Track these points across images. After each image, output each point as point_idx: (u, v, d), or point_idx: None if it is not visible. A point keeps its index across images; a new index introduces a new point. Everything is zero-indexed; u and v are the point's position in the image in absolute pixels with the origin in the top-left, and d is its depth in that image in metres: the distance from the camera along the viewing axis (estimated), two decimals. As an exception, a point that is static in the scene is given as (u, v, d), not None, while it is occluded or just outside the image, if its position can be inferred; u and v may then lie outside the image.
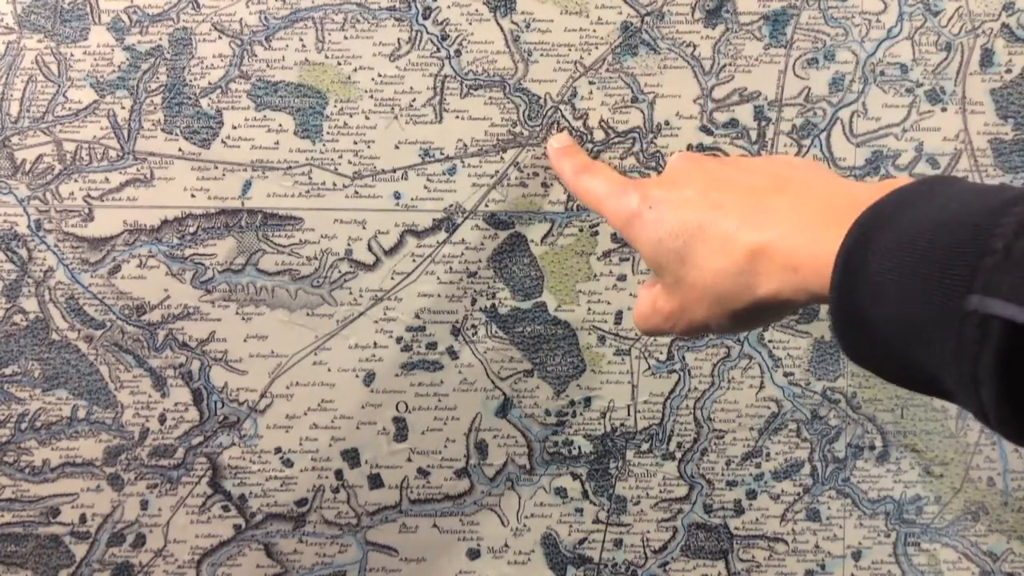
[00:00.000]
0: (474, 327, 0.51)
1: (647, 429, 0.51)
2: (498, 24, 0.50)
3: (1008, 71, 0.50)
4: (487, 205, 0.50)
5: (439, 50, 0.50)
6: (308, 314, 0.51)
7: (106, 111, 0.50)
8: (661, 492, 0.52)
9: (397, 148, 0.50)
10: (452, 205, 0.50)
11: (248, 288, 0.51)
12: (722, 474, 0.52)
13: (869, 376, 0.51)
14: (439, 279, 0.51)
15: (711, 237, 0.34)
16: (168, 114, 0.50)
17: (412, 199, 0.50)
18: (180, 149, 0.50)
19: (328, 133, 0.50)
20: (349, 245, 0.50)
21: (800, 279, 0.31)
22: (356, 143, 0.50)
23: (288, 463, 0.51)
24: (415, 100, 0.50)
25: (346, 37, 0.50)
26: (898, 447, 0.52)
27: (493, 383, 0.51)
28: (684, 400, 0.51)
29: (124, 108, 0.50)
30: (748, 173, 0.37)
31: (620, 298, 0.51)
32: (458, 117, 0.50)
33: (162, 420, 0.51)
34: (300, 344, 0.51)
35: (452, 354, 0.51)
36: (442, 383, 0.51)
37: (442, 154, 0.50)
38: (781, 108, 0.50)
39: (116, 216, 0.50)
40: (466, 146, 0.50)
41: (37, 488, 0.51)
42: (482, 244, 0.51)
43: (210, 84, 0.50)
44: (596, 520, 0.52)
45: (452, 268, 0.51)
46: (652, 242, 0.37)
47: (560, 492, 0.52)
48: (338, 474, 0.51)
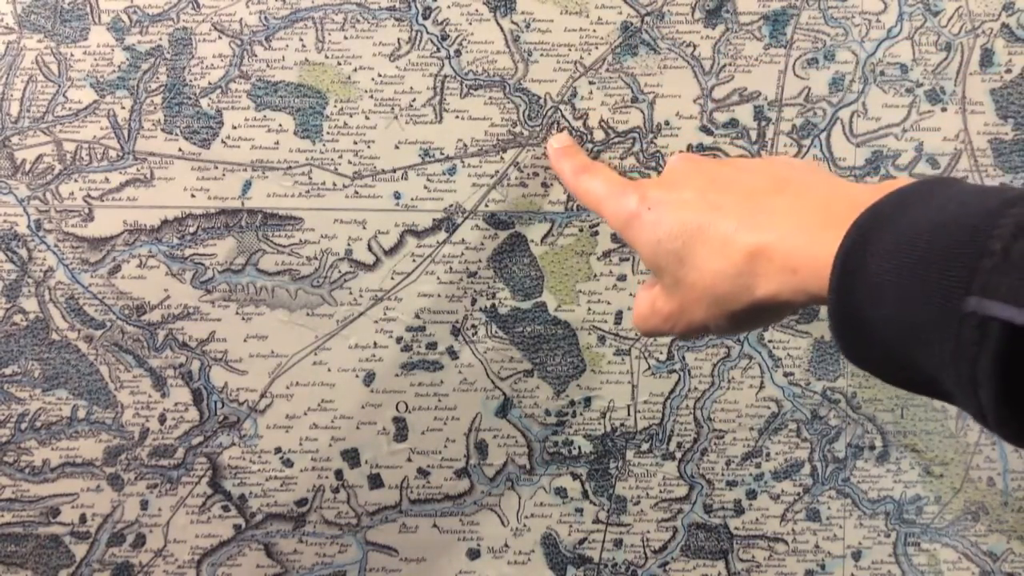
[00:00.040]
0: (474, 327, 0.51)
1: (647, 429, 0.51)
2: (498, 24, 0.50)
3: (1008, 71, 0.50)
4: (487, 205, 0.50)
5: (439, 50, 0.50)
6: (308, 314, 0.51)
7: (106, 111, 0.50)
8: (661, 492, 0.52)
9: (397, 148, 0.50)
10: (452, 205, 0.50)
11: (248, 288, 0.51)
12: (722, 474, 0.52)
13: (869, 376, 0.51)
14: (439, 279, 0.51)
15: (710, 238, 0.34)
16: (168, 114, 0.50)
17: (412, 199, 0.50)
18: (180, 149, 0.50)
19: (328, 133, 0.50)
20: (349, 245, 0.50)
21: (799, 280, 0.31)
22: (356, 143, 0.50)
23: (288, 463, 0.51)
24: (415, 100, 0.50)
25: (346, 37, 0.50)
26: (898, 447, 0.52)
27: (493, 383, 0.51)
28: (684, 400, 0.51)
29: (124, 108, 0.50)
30: (747, 174, 0.37)
31: (620, 298, 0.51)
32: (458, 117, 0.50)
33: (162, 420, 0.51)
34: (300, 344, 0.51)
35: (452, 354, 0.51)
36: (442, 383, 0.51)
37: (442, 154, 0.50)
38: (781, 108, 0.50)
39: (116, 216, 0.50)
40: (466, 146, 0.50)
41: (37, 488, 0.51)
42: (482, 244, 0.51)
43: (210, 84, 0.50)
44: (596, 520, 0.52)
45: (452, 268, 0.51)
46: (651, 243, 0.37)
47: (560, 492, 0.52)
48: (338, 474, 0.51)
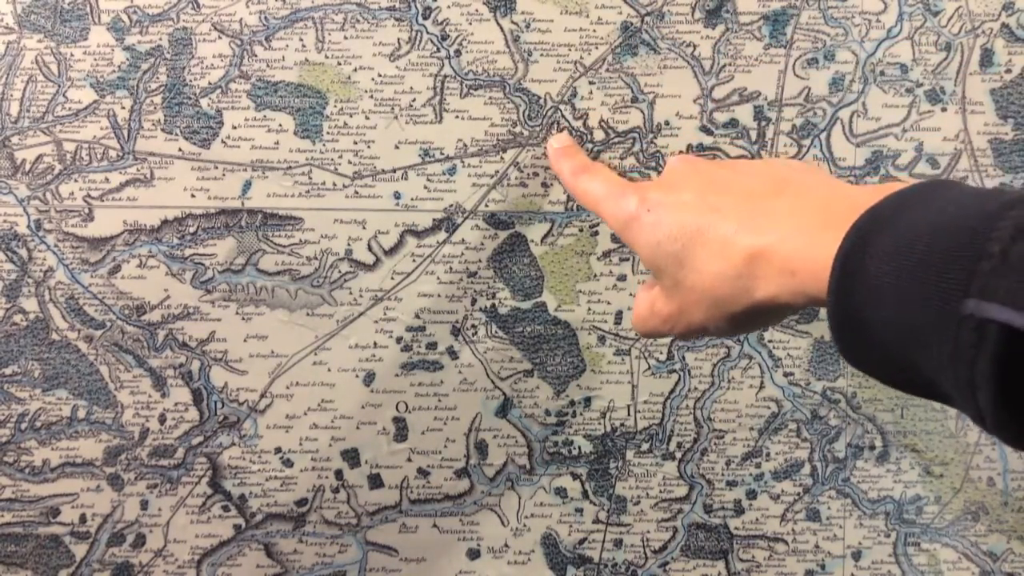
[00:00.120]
0: (474, 327, 0.51)
1: (647, 429, 0.51)
2: (498, 24, 0.50)
3: (1008, 71, 0.50)
4: (487, 205, 0.50)
5: (439, 50, 0.50)
6: (308, 314, 0.51)
7: (106, 111, 0.50)
8: (661, 492, 0.52)
9: (397, 148, 0.50)
10: (452, 205, 0.50)
11: (248, 288, 0.51)
12: (722, 474, 0.52)
13: (869, 377, 0.51)
14: (439, 279, 0.51)
15: (709, 240, 0.34)
16: (168, 114, 0.50)
17: (412, 199, 0.50)
18: (180, 149, 0.50)
19: (328, 133, 0.50)
20: (349, 245, 0.50)
21: (798, 282, 0.31)
22: (356, 143, 0.50)
23: (288, 463, 0.51)
24: (415, 100, 0.50)
25: (346, 37, 0.50)
26: (898, 447, 0.52)
27: (493, 383, 0.51)
28: (684, 400, 0.51)
29: (124, 108, 0.50)
30: (746, 176, 0.37)
31: (620, 298, 0.51)
32: (458, 117, 0.50)
33: (162, 420, 0.51)
34: (300, 344, 0.51)
35: (452, 354, 0.51)
36: (442, 383, 0.51)
37: (442, 154, 0.50)
38: (781, 108, 0.50)
39: (116, 216, 0.50)
40: (466, 146, 0.50)
41: (37, 488, 0.51)
42: (482, 244, 0.51)
43: (210, 84, 0.50)
44: (596, 520, 0.52)
45: (452, 268, 0.51)
46: (650, 245, 0.37)
47: (560, 492, 0.52)
48: (338, 474, 0.51)
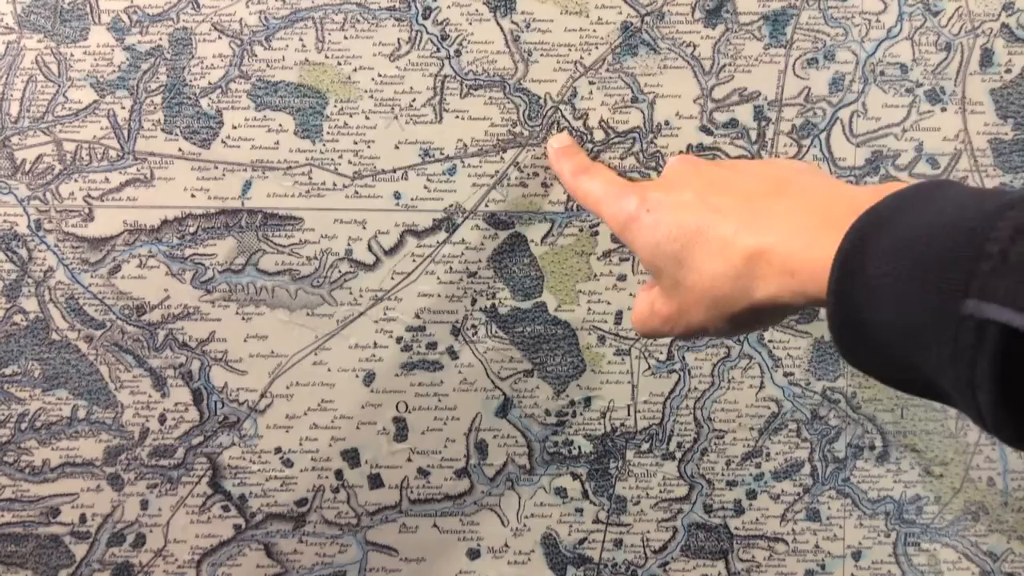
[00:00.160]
0: (474, 327, 0.51)
1: (647, 429, 0.51)
2: (498, 24, 0.50)
3: (1008, 71, 0.50)
4: (487, 205, 0.50)
5: (439, 50, 0.50)
6: (308, 314, 0.51)
7: (106, 111, 0.50)
8: (661, 492, 0.52)
9: (397, 148, 0.50)
10: (452, 205, 0.50)
11: (248, 288, 0.51)
12: (722, 474, 0.52)
13: (869, 377, 0.51)
14: (439, 279, 0.51)
15: (709, 241, 0.34)
16: (168, 114, 0.50)
17: (412, 199, 0.50)
18: (180, 149, 0.50)
19: (328, 133, 0.50)
20: (349, 245, 0.50)
21: (797, 283, 0.31)
22: (356, 143, 0.50)
23: (288, 463, 0.51)
24: (415, 100, 0.50)
25: (346, 37, 0.50)
26: (898, 447, 0.52)
27: (493, 383, 0.51)
28: (684, 400, 0.51)
29: (124, 108, 0.50)
30: (746, 177, 0.37)
31: (620, 298, 0.51)
32: (458, 117, 0.50)
33: (162, 420, 0.51)
34: (300, 344, 0.51)
35: (452, 354, 0.51)
36: (442, 383, 0.51)
37: (442, 154, 0.50)
38: (781, 108, 0.50)
39: (116, 216, 0.50)
40: (466, 146, 0.50)
41: (37, 488, 0.51)
42: (482, 244, 0.51)
43: (210, 84, 0.50)
44: (596, 520, 0.52)
45: (452, 268, 0.51)
46: (650, 245, 0.37)
47: (560, 492, 0.52)
48: (338, 474, 0.51)
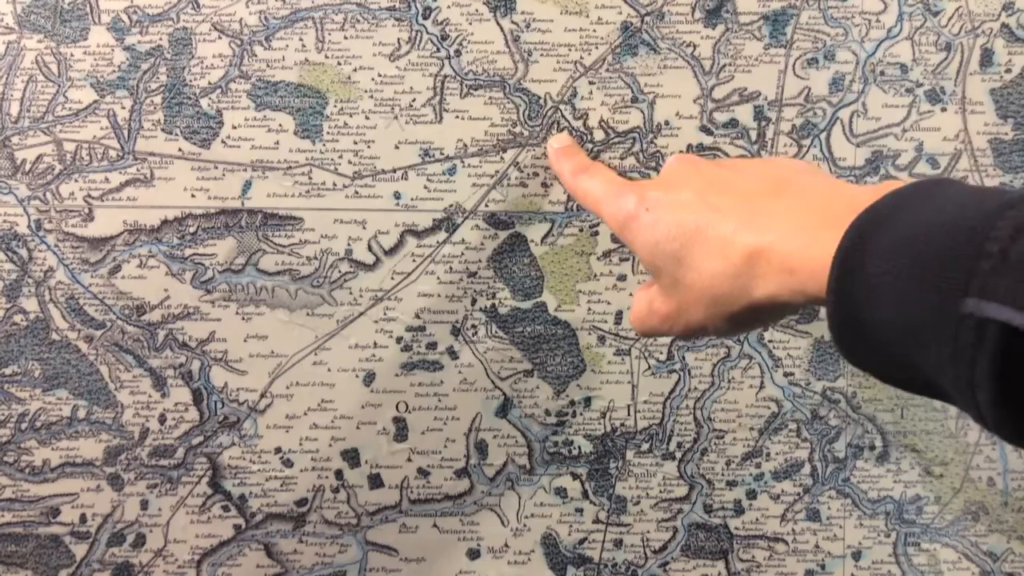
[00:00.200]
0: (474, 327, 0.51)
1: (647, 429, 0.51)
2: (498, 24, 0.50)
3: (1008, 71, 0.50)
4: (487, 205, 0.50)
5: (439, 50, 0.50)
6: (308, 314, 0.51)
7: (106, 111, 0.50)
8: (661, 492, 0.52)
9: (397, 148, 0.50)
10: (452, 205, 0.50)
11: (248, 288, 0.51)
12: (722, 474, 0.52)
13: (869, 376, 0.51)
14: (439, 279, 0.51)
15: (708, 239, 0.34)
16: (168, 114, 0.50)
17: (412, 199, 0.50)
18: (180, 149, 0.50)
19: (328, 133, 0.50)
20: (349, 245, 0.50)
21: (797, 281, 0.31)
22: (356, 143, 0.50)
23: (288, 463, 0.51)
24: (415, 100, 0.50)
25: (346, 37, 0.50)
26: (898, 447, 0.52)
27: (493, 383, 0.51)
28: (684, 400, 0.51)
29: (124, 108, 0.50)
30: (745, 176, 0.37)
31: (620, 298, 0.51)
32: (458, 117, 0.50)
33: (162, 420, 0.51)
34: (300, 344, 0.51)
35: (452, 354, 0.51)
36: (442, 383, 0.51)
37: (442, 154, 0.50)
38: (781, 108, 0.50)
39: (116, 216, 0.50)
40: (466, 146, 0.50)
41: (37, 488, 0.51)
42: (482, 244, 0.51)
43: (210, 84, 0.50)
44: (596, 520, 0.52)
45: (452, 268, 0.51)
46: (649, 244, 0.37)
47: (560, 492, 0.52)
48: (338, 474, 0.51)
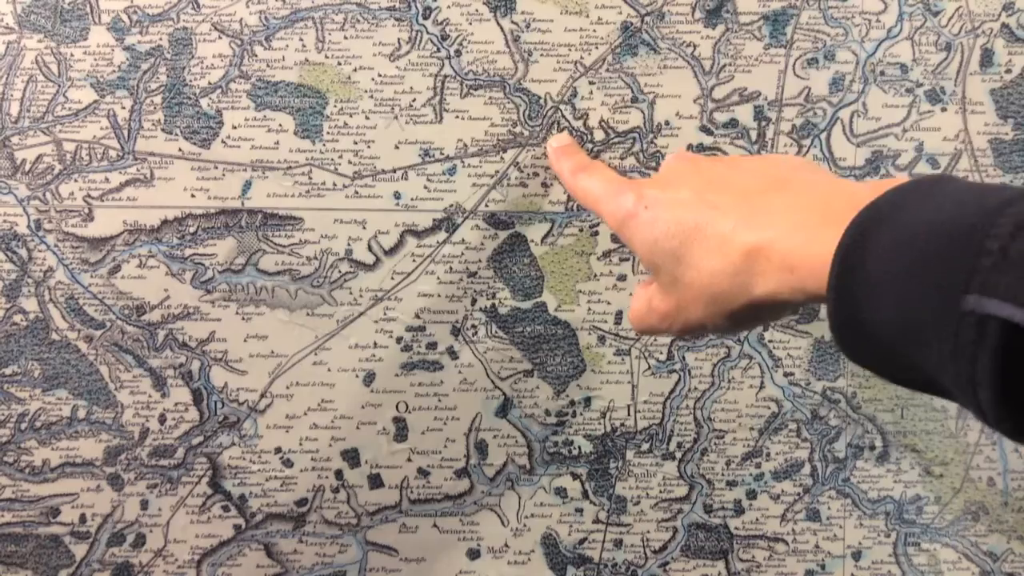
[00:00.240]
0: (474, 327, 0.51)
1: (647, 429, 0.51)
2: (498, 24, 0.50)
3: (1008, 71, 0.50)
4: (487, 205, 0.50)
5: (439, 50, 0.50)
6: (308, 314, 0.51)
7: (106, 111, 0.50)
8: (661, 492, 0.52)
9: (397, 148, 0.50)
10: (452, 205, 0.50)
11: (248, 288, 0.51)
12: (722, 474, 0.52)
13: (869, 376, 0.51)
14: (439, 279, 0.51)
15: (708, 237, 0.34)
16: (168, 114, 0.50)
17: (412, 199, 0.50)
18: (180, 149, 0.50)
19: (328, 133, 0.50)
20: (349, 245, 0.50)
21: (797, 279, 0.31)
22: (356, 143, 0.50)
23: (288, 463, 0.51)
24: (415, 100, 0.50)
25: (346, 37, 0.50)
26: (898, 447, 0.52)
27: (493, 383, 0.51)
28: (684, 400, 0.51)
29: (124, 108, 0.50)
30: (744, 173, 0.37)
31: (620, 298, 0.51)
32: (458, 117, 0.50)
33: (162, 420, 0.51)
34: (300, 344, 0.51)
35: (452, 354, 0.51)
36: (442, 383, 0.51)
37: (442, 154, 0.50)
38: (781, 108, 0.50)
39: (116, 216, 0.50)
40: (466, 146, 0.50)
41: (37, 488, 0.51)
42: (482, 244, 0.51)
43: (210, 84, 0.50)
44: (596, 520, 0.52)
45: (452, 268, 0.51)
46: (648, 242, 0.37)
47: (560, 492, 0.52)
48: (338, 474, 0.51)
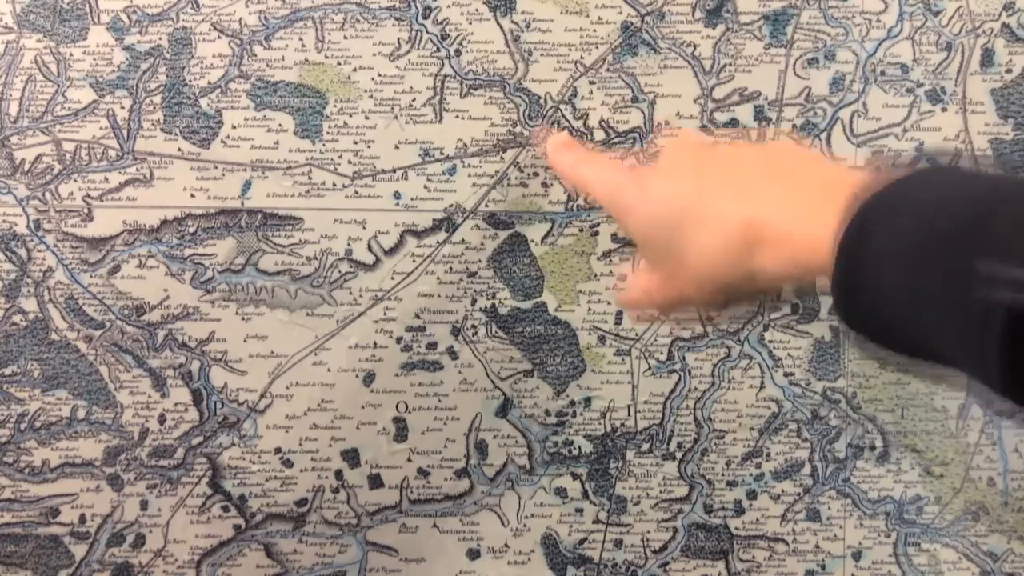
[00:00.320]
0: (474, 327, 0.51)
1: (647, 429, 0.51)
2: (498, 24, 0.50)
3: (1008, 71, 0.50)
4: (487, 205, 0.50)
5: (439, 50, 0.50)
6: (308, 314, 0.51)
7: (106, 111, 0.50)
8: (661, 492, 0.52)
9: (397, 148, 0.50)
10: (452, 205, 0.50)
11: (248, 288, 0.51)
12: (722, 474, 0.52)
13: (869, 376, 0.51)
14: (439, 279, 0.51)
15: (705, 217, 0.34)
16: (168, 114, 0.50)
17: (412, 199, 0.50)
18: (180, 149, 0.50)
19: (328, 133, 0.50)
20: (349, 245, 0.50)
21: (795, 255, 0.31)
22: (356, 143, 0.50)
23: (288, 463, 0.51)
24: (415, 100, 0.50)
25: (346, 37, 0.50)
26: (898, 447, 0.52)
27: (493, 383, 0.51)
28: (684, 400, 0.51)
29: (124, 108, 0.50)
30: (741, 156, 0.37)
31: (620, 298, 0.51)
32: (458, 117, 0.50)
33: (162, 420, 0.51)
34: (300, 344, 0.51)
35: (452, 354, 0.51)
36: (442, 383, 0.51)
37: (442, 154, 0.50)
38: (781, 108, 0.50)
39: (116, 216, 0.50)
40: (466, 146, 0.50)
41: (37, 488, 0.51)
42: (482, 244, 0.51)
43: (210, 84, 0.50)
44: (596, 520, 0.52)
45: (452, 268, 0.51)
46: (644, 226, 0.37)
47: (560, 492, 0.52)
48: (338, 474, 0.51)
